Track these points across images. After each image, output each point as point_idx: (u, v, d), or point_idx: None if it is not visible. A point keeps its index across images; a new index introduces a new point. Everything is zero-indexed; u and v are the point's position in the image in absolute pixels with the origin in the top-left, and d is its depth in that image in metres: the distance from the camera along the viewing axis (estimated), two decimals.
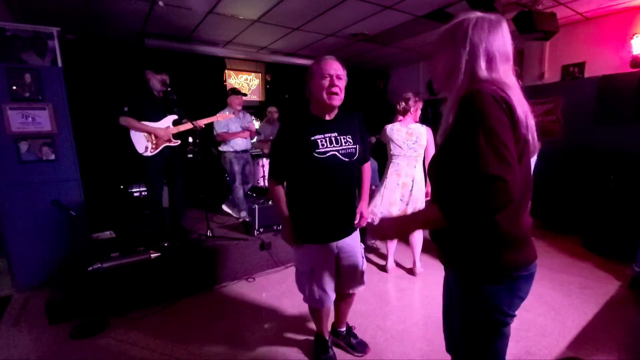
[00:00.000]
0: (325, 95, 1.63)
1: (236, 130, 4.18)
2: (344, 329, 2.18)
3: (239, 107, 4.23)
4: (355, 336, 2.16)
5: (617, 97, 4.22)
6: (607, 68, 4.32)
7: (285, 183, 1.83)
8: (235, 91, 4.35)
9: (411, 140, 2.97)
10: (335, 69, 1.63)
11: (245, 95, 4.40)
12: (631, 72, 4.08)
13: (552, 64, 4.90)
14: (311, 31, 4.87)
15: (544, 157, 3.99)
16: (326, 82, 1.62)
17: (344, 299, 2.03)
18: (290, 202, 1.79)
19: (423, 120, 3.14)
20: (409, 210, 2.96)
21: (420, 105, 3.01)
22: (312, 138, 1.66)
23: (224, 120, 4.08)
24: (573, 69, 4.68)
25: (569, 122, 4.72)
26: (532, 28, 3.63)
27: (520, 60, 5.23)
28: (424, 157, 3.02)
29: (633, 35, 4.02)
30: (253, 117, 4.59)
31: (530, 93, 3.58)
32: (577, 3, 3.94)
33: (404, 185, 3.02)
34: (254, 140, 5.60)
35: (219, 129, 4.13)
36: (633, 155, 4.04)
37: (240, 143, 4.22)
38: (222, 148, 4.26)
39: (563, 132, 4.76)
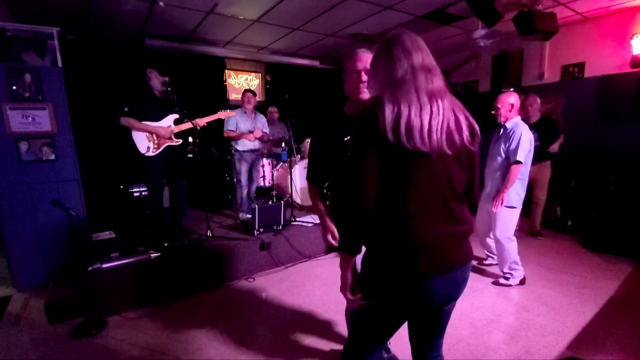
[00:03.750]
0: (353, 91, 1.61)
1: (245, 130, 4.15)
2: (386, 355, 2.03)
3: (249, 106, 4.19)
4: (388, 350, 2.04)
5: (617, 97, 4.22)
6: (607, 68, 4.32)
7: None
8: (246, 90, 4.33)
9: None
10: (364, 62, 1.57)
11: (254, 94, 4.32)
12: (631, 72, 4.08)
13: (552, 64, 4.90)
14: (311, 31, 4.87)
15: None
16: (354, 78, 1.59)
17: None
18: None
19: None
20: None
21: None
22: (345, 139, 1.60)
23: (233, 119, 4.04)
24: (573, 69, 4.68)
25: (569, 122, 4.71)
26: (532, 28, 3.63)
27: (520, 60, 5.23)
28: None
29: (633, 35, 4.02)
30: (265, 120, 4.50)
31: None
32: (577, 3, 3.94)
33: None
34: None
35: (225, 127, 4.10)
36: (633, 155, 4.04)
37: (247, 142, 4.17)
38: (231, 147, 4.24)
39: (563, 132, 4.76)
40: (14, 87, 2.79)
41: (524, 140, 2.70)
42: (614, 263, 3.37)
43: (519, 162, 2.71)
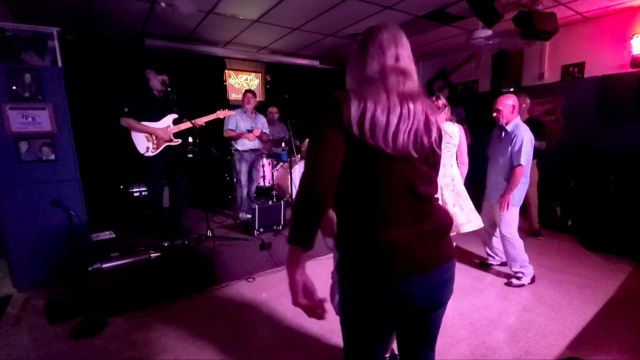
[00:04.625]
0: None
1: (244, 130, 4.16)
2: (387, 355, 1.96)
3: (249, 107, 4.22)
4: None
5: (617, 97, 4.22)
6: (607, 68, 4.32)
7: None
8: (247, 90, 4.38)
9: (445, 140, 2.76)
10: None
11: (254, 95, 4.36)
12: (631, 72, 4.08)
13: (552, 64, 4.90)
14: (311, 31, 4.87)
15: (545, 156, 4.02)
16: None
17: None
18: None
19: None
20: (459, 209, 2.72)
21: (447, 106, 2.83)
22: None
23: (233, 118, 4.07)
24: (573, 69, 4.68)
25: (569, 122, 4.72)
26: (532, 28, 3.63)
27: (520, 60, 5.23)
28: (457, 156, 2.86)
29: (633, 35, 4.02)
30: (265, 121, 4.50)
31: (530, 93, 3.55)
32: (577, 3, 3.94)
33: (445, 185, 2.72)
34: None
35: (225, 127, 4.12)
36: (633, 155, 4.04)
37: (246, 142, 4.19)
38: (231, 147, 4.26)
39: (563, 132, 4.77)
40: (14, 87, 2.79)
41: (526, 142, 2.75)
42: (614, 263, 3.37)
43: (522, 165, 2.76)
